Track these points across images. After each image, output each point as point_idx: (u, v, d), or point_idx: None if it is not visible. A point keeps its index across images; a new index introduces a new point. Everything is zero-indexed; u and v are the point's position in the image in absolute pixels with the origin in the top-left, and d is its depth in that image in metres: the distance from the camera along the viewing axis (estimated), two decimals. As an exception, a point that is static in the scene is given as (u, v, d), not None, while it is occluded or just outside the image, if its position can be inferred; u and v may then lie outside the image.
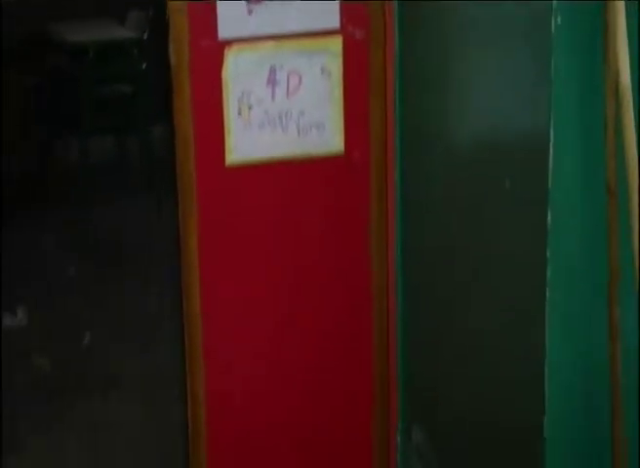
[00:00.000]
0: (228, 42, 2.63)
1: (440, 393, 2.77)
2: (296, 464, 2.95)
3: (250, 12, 2.64)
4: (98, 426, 3.48)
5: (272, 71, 2.67)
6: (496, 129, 2.36)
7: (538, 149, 2.10)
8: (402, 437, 2.95)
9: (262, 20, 2.65)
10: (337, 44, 2.71)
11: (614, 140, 2.04)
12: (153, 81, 5.41)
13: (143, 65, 5.92)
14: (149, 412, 3.52)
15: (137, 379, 3.78)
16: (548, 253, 2.12)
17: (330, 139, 2.73)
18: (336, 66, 2.72)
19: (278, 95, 2.68)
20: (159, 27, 2.89)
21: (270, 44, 2.66)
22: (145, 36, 5.95)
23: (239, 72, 2.64)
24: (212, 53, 2.63)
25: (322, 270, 2.87)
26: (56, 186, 6.03)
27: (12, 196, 5.72)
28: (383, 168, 2.83)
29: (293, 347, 2.88)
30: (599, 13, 2.01)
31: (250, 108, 2.64)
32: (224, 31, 2.63)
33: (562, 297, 2.16)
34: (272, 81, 2.67)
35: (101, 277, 4.83)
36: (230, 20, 2.63)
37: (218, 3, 2.62)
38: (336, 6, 2.69)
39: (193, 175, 2.65)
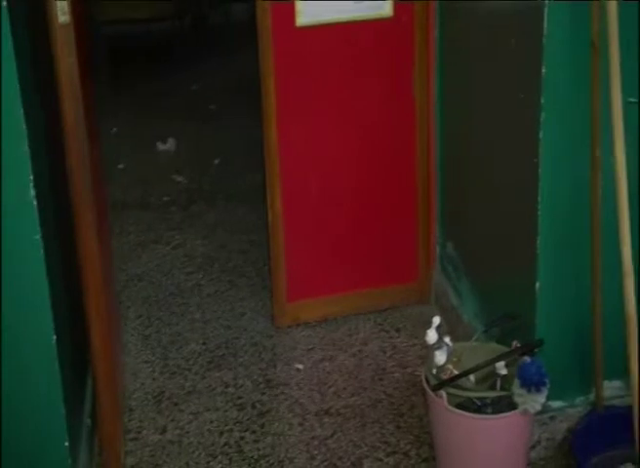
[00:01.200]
0: None
1: (466, 220, 3.33)
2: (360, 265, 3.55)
3: None
4: (217, 225, 4.48)
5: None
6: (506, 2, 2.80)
7: (536, 16, 2.51)
8: (440, 249, 3.57)
9: None
10: None
11: (598, 5, 2.42)
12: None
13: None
14: (252, 214, 4.44)
15: (245, 192, 4.74)
16: (542, 100, 2.54)
17: (381, 5, 3.20)
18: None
19: (340, -33, 3.11)
20: None
21: None
22: None
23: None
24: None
25: (376, 102, 3.35)
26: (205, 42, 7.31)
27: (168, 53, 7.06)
28: (426, 28, 3.29)
29: (350, 170, 3.42)
30: None
31: (315, -21, 3.09)
32: None
33: (553, 138, 2.58)
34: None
35: (230, 113, 5.80)
36: None
37: None
38: None
39: (269, 33, 3.14)
